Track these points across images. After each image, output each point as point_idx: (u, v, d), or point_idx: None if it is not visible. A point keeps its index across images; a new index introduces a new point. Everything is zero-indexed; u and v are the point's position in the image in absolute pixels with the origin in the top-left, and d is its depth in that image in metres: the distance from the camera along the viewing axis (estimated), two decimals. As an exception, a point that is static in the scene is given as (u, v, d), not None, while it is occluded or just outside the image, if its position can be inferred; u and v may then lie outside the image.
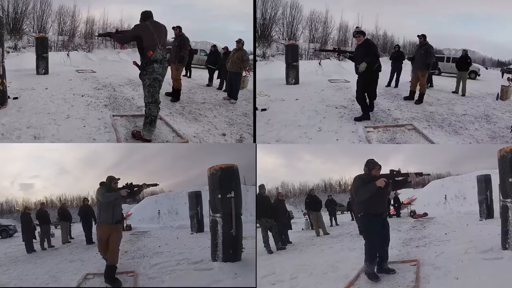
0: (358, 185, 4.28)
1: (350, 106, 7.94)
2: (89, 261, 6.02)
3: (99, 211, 4.81)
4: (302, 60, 14.91)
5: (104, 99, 7.87)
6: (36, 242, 8.07)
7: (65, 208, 9.65)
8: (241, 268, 4.81)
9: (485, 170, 10.33)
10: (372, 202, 4.23)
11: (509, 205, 4.72)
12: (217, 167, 5.12)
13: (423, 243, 6.18)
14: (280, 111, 7.47)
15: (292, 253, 6.59)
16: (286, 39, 17.57)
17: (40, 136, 5.89)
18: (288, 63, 10.98)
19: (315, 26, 18.76)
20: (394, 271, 4.48)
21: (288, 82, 10.82)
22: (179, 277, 4.65)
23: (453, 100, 8.85)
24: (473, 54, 12.36)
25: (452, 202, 13.72)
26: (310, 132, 6.34)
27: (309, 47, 17.96)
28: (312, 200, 9.33)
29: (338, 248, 6.49)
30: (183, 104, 8.07)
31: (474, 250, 4.95)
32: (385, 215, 4.48)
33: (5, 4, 11.59)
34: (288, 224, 8.57)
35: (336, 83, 11.32)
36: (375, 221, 4.31)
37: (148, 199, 16.36)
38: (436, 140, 6.07)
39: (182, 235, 9.21)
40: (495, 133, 6.46)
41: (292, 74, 10.86)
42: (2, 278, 5.19)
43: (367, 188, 4.19)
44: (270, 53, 16.76)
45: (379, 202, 4.31)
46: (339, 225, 11.40)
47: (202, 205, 10.28)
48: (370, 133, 6.28)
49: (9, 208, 22.33)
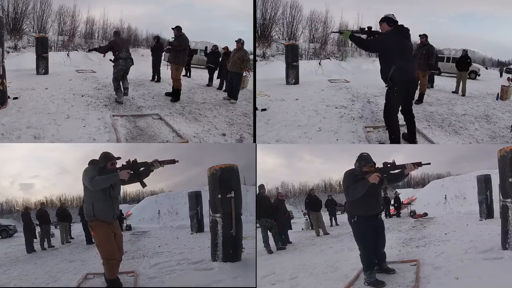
0: (348, 183, 3.90)
1: (350, 106, 7.94)
2: (89, 261, 6.01)
3: (91, 204, 3.79)
4: (302, 60, 14.90)
5: (104, 99, 7.88)
6: (36, 242, 8.07)
7: (64, 208, 9.65)
8: (241, 268, 4.81)
9: (485, 170, 10.33)
10: (365, 203, 3.92)
11: (509, 205, 4.72)
12: (217, 167, 5.11)
13: (423, 243, 6.18)
14: (280, 111, 7.47)
15: (292, 253, 6.59)
16: (286, 39, 17.57)
17: (40, 136, 5.90)
18: (288, 63, 10.98)
19: (315, 26, 18.73)
20: (394, 271, 4.44)
21: (288, 82, 10.82)
22: (179, 277, 4.65)
23: (453, 100, 8.85)
24: (473, 54, 12.35)
25: (452, 202, 13.72)
26: (310, 132, 6.34)
27: (309, 47, 17.96)
28: (312, 200, 9.33)
29: (338, 248, 6.48)
30: (183, 104, 8.07)
31: (474, 250, 4.95)
32: (380, 216, 4.23)
33: (5, 4, 11.58)
34: (288, 224, 8.57)
35: (336, 83, 11.32)
36: (370, 225, 4.02)
37: (148, 199, 16.36)
38: (436, 140, 6.06)
39: (182, 235, 9.21)
40: (495, 133, 6.46)
41: (292, 74, 10.86)
42: (2, 278, 5.18)
43: (359, 186, 3.83)
44: (270, 53, 16.75)
45: (373, 202, 4.00)
46: (339, 225, 11.39)
47: (202, 205, 10.29)
48: (370, 133, 6.28)
49: (9, 208, 22.32)
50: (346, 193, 3.97)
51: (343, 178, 4.02)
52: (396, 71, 4.99)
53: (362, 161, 3.94)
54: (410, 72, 5.19)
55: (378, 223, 4.20)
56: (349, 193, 3.92)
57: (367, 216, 3.99)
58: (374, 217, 4.09)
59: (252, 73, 8.71)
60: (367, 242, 4.05)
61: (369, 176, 3.84)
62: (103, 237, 3.88)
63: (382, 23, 5.15)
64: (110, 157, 3.90)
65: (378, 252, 4.30)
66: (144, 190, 21.81)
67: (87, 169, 3.86)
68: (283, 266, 5.34)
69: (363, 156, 3.98)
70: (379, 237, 4.25)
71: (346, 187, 3.94)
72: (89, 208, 3.86)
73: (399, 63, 4.96)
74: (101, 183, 3.74)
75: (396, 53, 4.95)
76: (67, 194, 23.18)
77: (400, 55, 4.96)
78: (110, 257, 3.94)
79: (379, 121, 6.87)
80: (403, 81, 5.05)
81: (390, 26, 5.09)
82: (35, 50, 11.03)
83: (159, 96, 8.55)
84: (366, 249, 4.08)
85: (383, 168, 3.96)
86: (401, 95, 5.16)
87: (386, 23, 5.11)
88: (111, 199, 3.88)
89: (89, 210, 3.86)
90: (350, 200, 3.97)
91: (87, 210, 3.90)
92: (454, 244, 5.68)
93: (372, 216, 4.05)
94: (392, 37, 5.02)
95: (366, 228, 4.02)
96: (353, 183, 3.88)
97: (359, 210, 3.98)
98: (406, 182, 20.30)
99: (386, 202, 11.49)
